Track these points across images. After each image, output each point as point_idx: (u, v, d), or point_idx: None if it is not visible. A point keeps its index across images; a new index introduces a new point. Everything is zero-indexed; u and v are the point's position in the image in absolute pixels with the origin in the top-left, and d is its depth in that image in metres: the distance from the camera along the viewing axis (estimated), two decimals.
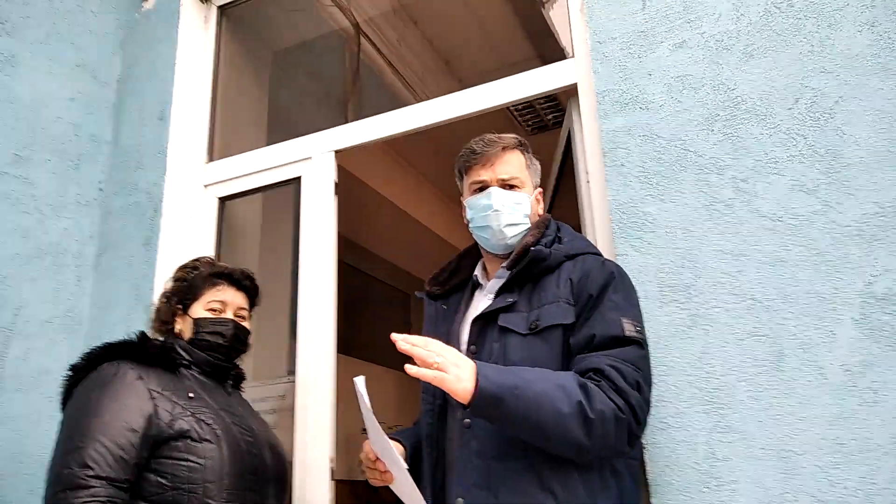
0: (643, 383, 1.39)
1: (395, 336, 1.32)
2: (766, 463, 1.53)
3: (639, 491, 1.52)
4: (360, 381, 1.39)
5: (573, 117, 2.19)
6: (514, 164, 1.68)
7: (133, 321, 2.44)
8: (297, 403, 2.22)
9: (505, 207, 1.63)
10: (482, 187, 1.66)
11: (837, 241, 1.62)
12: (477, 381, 1.30)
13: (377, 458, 1.51)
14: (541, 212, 1.74)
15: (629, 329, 1.44)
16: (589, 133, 2.07)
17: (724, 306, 1.68)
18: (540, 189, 1.74)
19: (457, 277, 1.79)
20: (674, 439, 1.62)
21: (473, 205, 1.67)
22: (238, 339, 1.86)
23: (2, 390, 2.30)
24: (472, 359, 1.50)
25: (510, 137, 1.71)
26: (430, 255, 4.12)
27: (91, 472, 1.50)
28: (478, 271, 1.75)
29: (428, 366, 1.30)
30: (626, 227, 1.85)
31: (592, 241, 1.95)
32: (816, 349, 1.57)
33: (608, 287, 1.49)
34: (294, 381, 2.25)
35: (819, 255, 1.63)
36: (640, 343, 1.44)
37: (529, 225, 1.66)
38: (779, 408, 1.56)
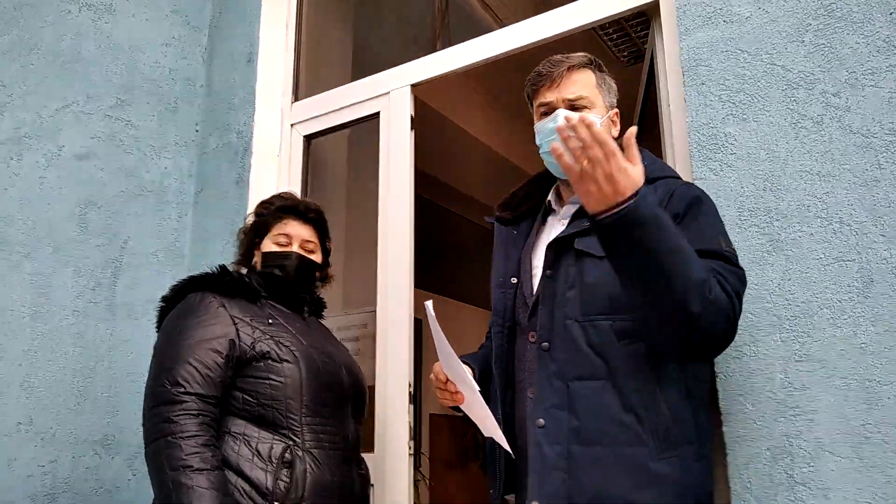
0: (739, 299, 1.34)
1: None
2: (848, 393, 1.45)
3: (710, 416, 1.49)
4: (429, 305, 1.42)
5: (655, 37, 2.08)
6: (583, 83, 1.60)
7: (229, 254, 2.55)
8: (378, 332, 2.30)
9: None
10: (548, 110, 1.60)
11: None
12: (633, 199, 1.21)
13: (447, 380, 1.53)
14: (616, 134, 1.67)
15: (725, 246, 1.39)
16: (670, 52, 1.97)
17: (809, 230, 1.58)
18: (615, 110, 1.67)
19: (527, 203, 1.76)
20: (748, 368, 1.56)
21: (540, 129, 1.61)
22: (301, 270, 1.91)
23: (114, 316, 2.51)
24: (548, 283, 1.49)
25: (578, 56, 1.63)
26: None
27: (182, 389, 1.62)
28: (551, 196, 1.71)
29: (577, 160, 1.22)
30: (705, 148, 1.76)
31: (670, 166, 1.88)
32: None
33: (695, 207, 1.44)
34: (375, 312, 2.32)
35: None
36: (737, 262, 1.39)
37: None
38: (864, 336, 1.46)
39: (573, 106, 1.57)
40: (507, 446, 1.46)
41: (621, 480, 1.36)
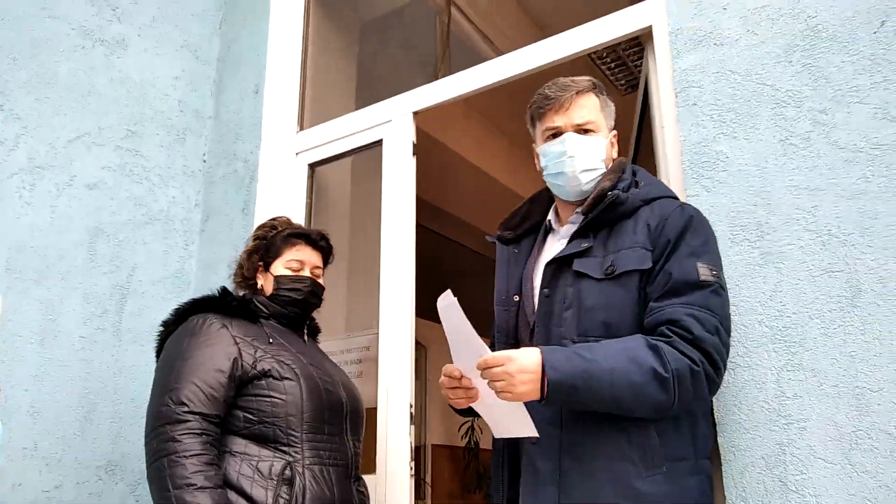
0: (721, 327, 1.38)
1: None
2: (839, 400, 1.46)
3: (711, 432, 1.50)
4: (445, 297, 1.37)
5: (648, 61, 2.13)
6: (589, 107, 1.64)
7: None
8: (380, 355, 2.32)
9: (580, 153, 1.59)
10: (556, 133, 1.63)
11: None
12: (545, 374, 1.33)
13: (461, 376, 1.46)
14: (615, 155, 1.70)
15: (705, 274, 1.41)
16: (663, 74, 2.01)
17: (798, 243, 1.60)
18: (615, 132, 1.71)
19: (528, 222, 1.79)
20: (741, 378, 1.57)
21: (547, 152, 1.64)
22: (314, 294, 1.98)
23: (120, 342, 2.55)
24: (545, 302, 1.52)
25: (584, 80, 1.67)
26: None
27: (186, 409, 1.65)
28: (550, 216, 1.74)
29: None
30: (697, 167, 1.79)
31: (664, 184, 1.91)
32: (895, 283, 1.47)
33: (686, 232, 1.47)
34: (377, 334, 2.35)
35: None
36: (718, 287, 1.42)
37: (605, 169, 1.64)
38: (853, 344, 1.48)
39: (580, 129, 1.62)
40: (533, 432, 1.40)
41: (608, 497, 1.37)
